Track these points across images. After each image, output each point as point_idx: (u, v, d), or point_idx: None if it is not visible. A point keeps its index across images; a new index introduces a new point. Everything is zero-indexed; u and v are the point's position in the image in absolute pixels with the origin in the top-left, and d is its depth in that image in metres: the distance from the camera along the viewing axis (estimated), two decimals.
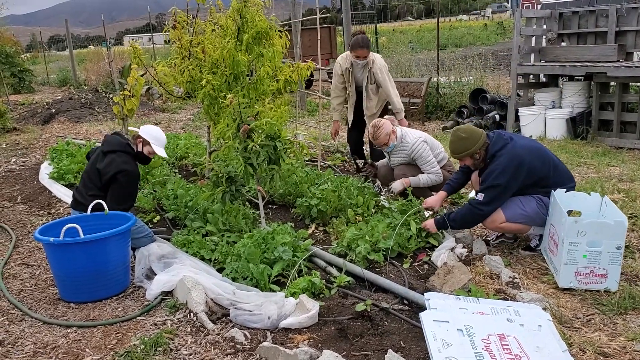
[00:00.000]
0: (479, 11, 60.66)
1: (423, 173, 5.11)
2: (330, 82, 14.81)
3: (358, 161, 6.33)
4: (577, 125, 8.04)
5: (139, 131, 4.62)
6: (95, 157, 4.53)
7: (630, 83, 8.07)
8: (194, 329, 3.36)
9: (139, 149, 4.62)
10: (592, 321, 3.26)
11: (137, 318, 3.56)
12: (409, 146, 5.08)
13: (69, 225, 3.92)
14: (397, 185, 5.01)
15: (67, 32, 21.20)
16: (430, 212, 4.58)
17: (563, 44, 8.95)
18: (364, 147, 6.79)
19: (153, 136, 4.62)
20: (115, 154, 4.42)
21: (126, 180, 4.37)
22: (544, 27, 9.00)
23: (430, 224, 4.33)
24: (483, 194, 4.04)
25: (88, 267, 3.74)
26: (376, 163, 5.74)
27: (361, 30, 6.20)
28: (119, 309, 3.71)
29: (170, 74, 5.53)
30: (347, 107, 6.41)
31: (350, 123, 6.44)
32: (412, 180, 5.04)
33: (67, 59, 22.36)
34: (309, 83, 15.16)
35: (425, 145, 5.09)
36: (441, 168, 5.22)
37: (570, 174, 4.24)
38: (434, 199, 4.57)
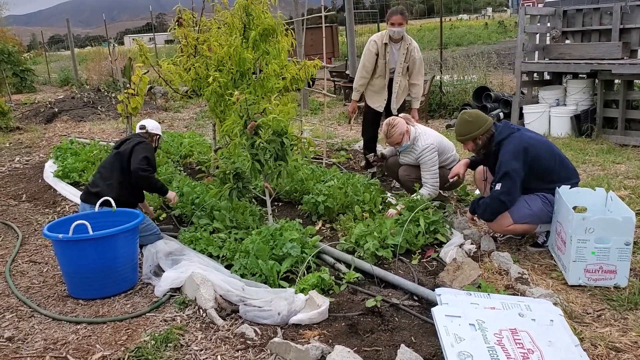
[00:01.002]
0: (476, 14, 60.26)
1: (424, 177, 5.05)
2: (332, 81, 14.76)
3: (368, 155, 6.19)
4: (582, 123, 8.04)
5: (150, 129, 4.93)
6: (113, 153, 4.72)
7: (635, 80, 8.06)
8: (204, 325, 3.36)
9: (156, 145, 5.01)
10: (603, 316, 3.26)
11: (147, 314, 3.56)
12: (419, 150, 5.04)
13: (78, 222, 3.92)
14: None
15: (68, 31, 21.19)
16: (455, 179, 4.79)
17: (567, 41, 8.93)
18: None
19: (158, 128, 5.02)
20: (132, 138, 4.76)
21: (145, 147, 4.62)
22: (548, 24, 8.99)
23: (468, 215, 4.47)
24: (500, 184, 4.02)
25: (97, 263, 3.73)
26: (385, 153, 5.70)
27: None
28: (128, 306, 3.71)
29: (175, 72, 5.53)
30: (370, 92, 6.26)
31: (378, 109, 6.23)
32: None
33: (68, 59, 22.34)
34: (312, 81, 15.16)
35: (435, 154, 5.00)
36: (458, 161, 5.15)
37: (575, 169, 4.25)
38: (459, 165, 4.72)
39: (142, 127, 4.89)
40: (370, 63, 6.07)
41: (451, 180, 4.81)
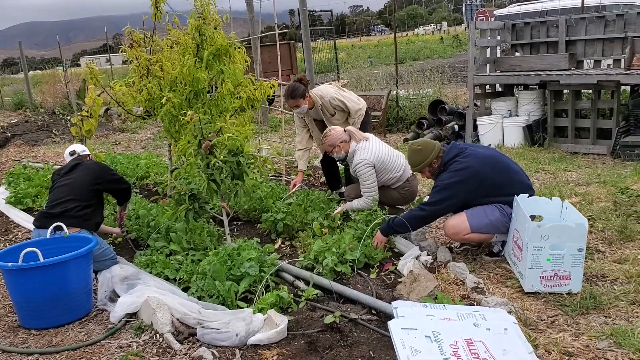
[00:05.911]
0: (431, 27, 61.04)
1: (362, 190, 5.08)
2: None
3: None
4: (534, 133, 8.24)
5: (80, 152, 5.03)
6: (68, 177, 4.55)
7: (582, 90, 8.33)
8: (161, 350, 3.30)
9: None
10: (556, 322, 3.32)
11: (102, 342, 3.47)
12: (354, 164, 5.03)
13: (28, 249, 3.81)
14: (338, 208, 5.13)
15: (21, 54, 20.77)
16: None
17: (517, 54, 9.18)
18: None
19: (86, 149, 5.14)
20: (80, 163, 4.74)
21: (107, 167, 4.99)
22: (498, 38, 9.23)
23: (377, 237, 4.41)
24: (429, 196, 4.18)
25: (48, 291, 3.63)
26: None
27: (299, 77, 5.73)
28: (83, 334, 3.61)
29: (128, 93, 5.46)
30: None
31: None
32: (347, 205, 5.13)
33: (22, 82, 21.84)
34: (271, 99, 15.15)
35: (368, 168, 4.94)
36: (406, 181, 5.20)
37: (529, 184, 4.31)
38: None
39: (73, 153, 4.97)
40: (301, 131, 5.96)
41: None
